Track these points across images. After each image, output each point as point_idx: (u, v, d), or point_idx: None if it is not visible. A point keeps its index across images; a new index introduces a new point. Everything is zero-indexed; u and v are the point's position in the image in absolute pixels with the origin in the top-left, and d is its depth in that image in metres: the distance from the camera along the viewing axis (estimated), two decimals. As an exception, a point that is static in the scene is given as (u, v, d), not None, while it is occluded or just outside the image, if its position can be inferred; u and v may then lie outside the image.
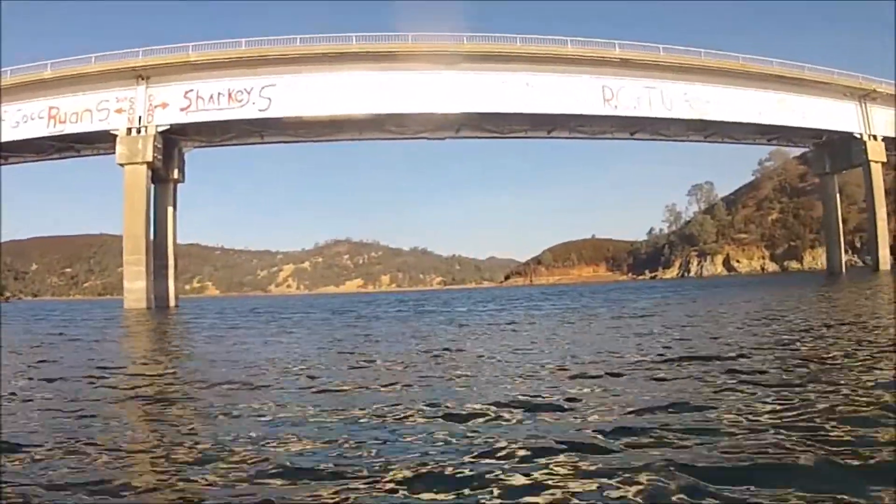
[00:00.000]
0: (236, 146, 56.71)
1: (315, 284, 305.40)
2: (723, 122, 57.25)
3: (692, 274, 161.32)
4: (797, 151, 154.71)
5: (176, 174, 52.59)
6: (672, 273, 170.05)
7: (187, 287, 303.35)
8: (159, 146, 48.50)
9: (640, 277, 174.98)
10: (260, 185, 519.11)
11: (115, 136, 48.18)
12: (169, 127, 48.72)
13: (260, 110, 48.73)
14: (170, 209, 52.27)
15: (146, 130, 48.09)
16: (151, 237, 48.80)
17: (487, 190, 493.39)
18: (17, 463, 4.07)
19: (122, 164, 47.65)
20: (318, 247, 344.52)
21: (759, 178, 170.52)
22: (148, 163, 47.31)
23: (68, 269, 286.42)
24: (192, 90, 48.80)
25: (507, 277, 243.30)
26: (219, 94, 48.73)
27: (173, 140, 51.54)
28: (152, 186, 50.53)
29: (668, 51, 54.15)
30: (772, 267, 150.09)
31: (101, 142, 50.60)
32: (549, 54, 51.03)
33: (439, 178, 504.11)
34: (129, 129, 48.22)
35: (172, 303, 51.45)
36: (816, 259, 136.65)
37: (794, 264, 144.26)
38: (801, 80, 58.14)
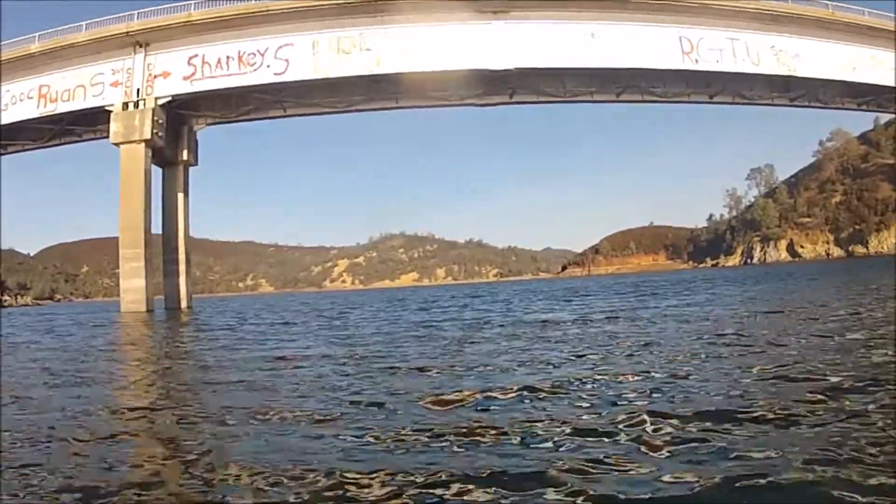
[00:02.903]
0: (256, 121, 47.85)
1: (370, 279, 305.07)
2: (812, 81, 47.81)
3: (755, 260, 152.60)
4: (858, 131, 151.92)
5: (186, 155, 44.45)
6: (734, 260, 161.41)
7: (241, 284, 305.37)
8: (161, 122, 40.36)
9: (702, 265, 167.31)
10: (313, 181, 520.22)
11: (112, 112, 40.41)
12: (171, 99, 40.53)
13: (276, 74, 40.07)
14: (180, 196, 44.25)
15: (144, 104, 40.06)
16: (151, 228, 40.50)
17: (541, 179, 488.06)
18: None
19: (117, 144, 39.79)
20: (372, 241, 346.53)
21: (820, 159, 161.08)
22: (146, 140, 39.12)
23: (118, 271, 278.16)
24: (196, 55, 40.60)
25: (563, 268, 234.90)
26: (227, 57, 40.33)
27: (181, 116, 43.71)
28: (160, 170, 43.86)
29: (751, -5, 44.60)
30: (836, 252, 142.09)
31: (101, 123, 42.45)
32: (618, -1, 41.51)
33: (492, 168, 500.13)
34: (126, 104, 40.30)
35: (184, 304, 43.36)
36: (883, 243, 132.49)
37: (859, 248, 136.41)
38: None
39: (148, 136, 39.05)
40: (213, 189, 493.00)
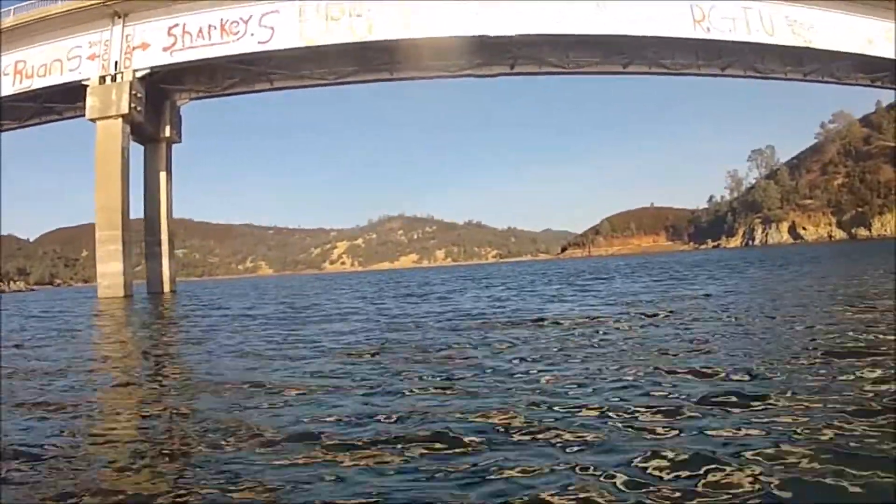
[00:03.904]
0: (242, 95, 44.67)
1: (369, 261, 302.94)
2: (827, 54, 45.02)
3: (756, 242, 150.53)
4: (860, 114, 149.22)
5: (168, 132, 41.79)
6: (736, 242, 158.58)
7: (240, 267, 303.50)
8: (140, 96, 37.54)
9: (703, 247, 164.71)
10: (311, 162, 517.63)
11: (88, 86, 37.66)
12: (149, 71, 37.68)
13: (260, 42, 37.08)
14: (162, 175, 41.59)
15: (122, 77, 37.21)
16: (129, 208, 37.51)
17: (542, 159, 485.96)
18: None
19: (93, 120, 37.01)
20: (371, 223, 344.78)
21: (823, 141, 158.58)
22: (123, 115, 36.39)
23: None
24: (177, 25, 37.70)
25: (563, 249, 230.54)
26: (209, 26, 37.42)
27: (164, 91, 41.04)
28: (141, 148, 41.57)
29: (765, -38, 41.88)
30: (839, 234, 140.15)
31: (81, 99, 39.17)
32: (624, -37, 38.28)
33: (492, 147, 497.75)
34: (103, 78, 37.50)
35: (167, 288, 40.80)
36: (885, 225, 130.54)
37: (862, 231, 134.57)
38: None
39: (125, 110, 36.31)
40: (211, 170, 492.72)
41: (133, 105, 36.60)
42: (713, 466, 3.09)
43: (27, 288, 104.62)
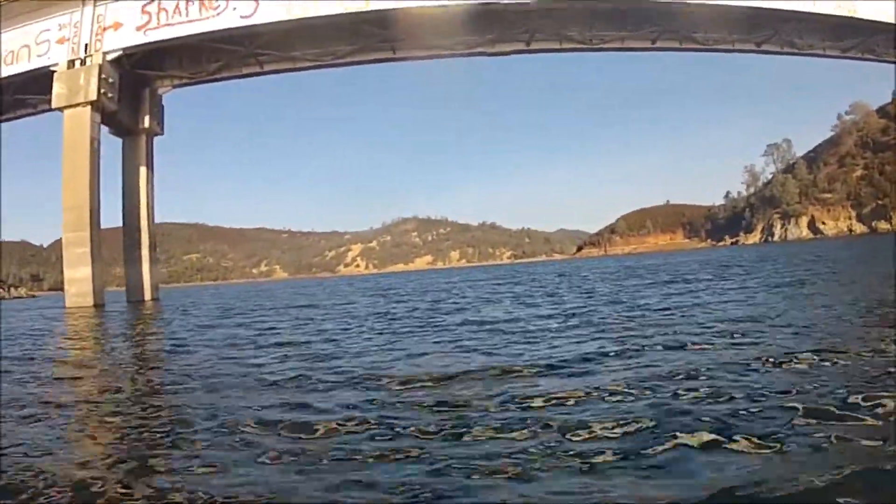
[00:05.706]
0: (230, 80, 39.43)
1: (384, 263, 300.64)
2: (870, 25, 39.85)
3: (776, 238, 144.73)
4: (876, 105, 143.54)
5: (148, 122, 37.17)
6: (754, 238, 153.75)
7: (255, 271, 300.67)
8: (112, 81, 32.98)
9: (721, 244, 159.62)
10: (324, 166, 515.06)
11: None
12: (122, 53, 33.13)
13: (242, 17, 32.33)
14: (142, 170, 37.00)
15: (92, 60, 32.63)
16: (100, 206, 32.43)
17: (553, 160, 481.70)
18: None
19: (60, 109, 32.48)
20: (385, 225, 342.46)
21: (839, 133, 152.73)
22: (92, 102, 31.82)
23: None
24: (152, 1, 33.17)
25: (579, 249, 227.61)
26: (187, 1, 32.81)
27: (143, 77, 36.47)
28: (119, 140, 37.36)
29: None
30: (859, 228, 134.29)
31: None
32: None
33: (504, 149, 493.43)
34: (72, 62, 33.00)
35: (149, 295, 36.16)
36: None
37: (882, 224, 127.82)
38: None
39: (94, 97, 31.78)
40: (221, 172, 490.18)
41: (104, 91, 32.02)
42: None
43: (28, 295, 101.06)
